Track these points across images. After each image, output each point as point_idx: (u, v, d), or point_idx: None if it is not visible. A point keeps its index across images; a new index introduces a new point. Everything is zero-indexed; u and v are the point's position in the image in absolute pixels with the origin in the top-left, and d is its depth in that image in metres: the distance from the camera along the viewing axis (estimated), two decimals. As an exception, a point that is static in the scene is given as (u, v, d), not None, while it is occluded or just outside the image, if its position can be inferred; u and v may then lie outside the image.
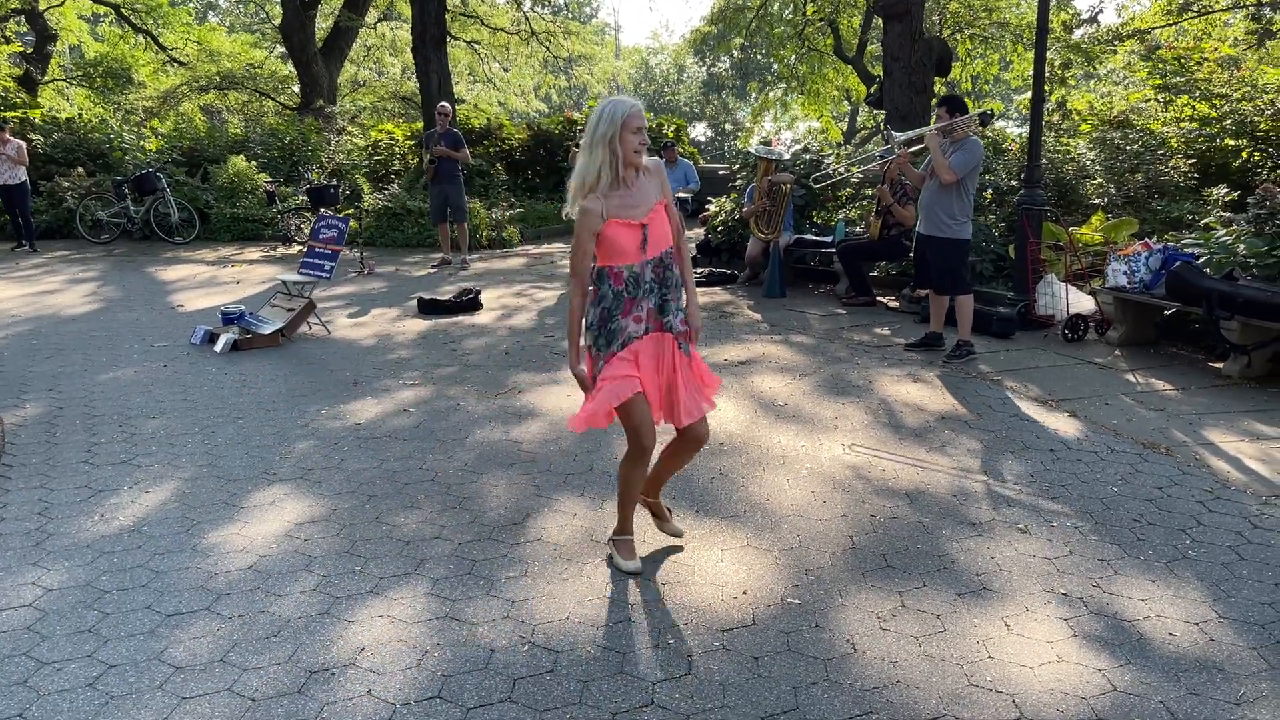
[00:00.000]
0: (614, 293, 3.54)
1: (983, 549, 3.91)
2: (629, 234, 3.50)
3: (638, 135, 3.46)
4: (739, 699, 2.88)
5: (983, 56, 21.92)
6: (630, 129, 3.43)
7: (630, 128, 3.43)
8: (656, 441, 3.66)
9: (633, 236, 3.50)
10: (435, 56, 17.74)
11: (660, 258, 3.58)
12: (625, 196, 3.51)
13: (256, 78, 27.49)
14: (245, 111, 28.47)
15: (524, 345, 7.85)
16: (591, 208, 3.48)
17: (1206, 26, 18.70)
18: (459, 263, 12.76)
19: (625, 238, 3.50)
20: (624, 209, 3.50)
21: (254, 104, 28.40)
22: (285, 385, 6.57)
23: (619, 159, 3.46)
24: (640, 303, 3.55)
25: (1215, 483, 4.63)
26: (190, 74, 27.07)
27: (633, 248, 3.51)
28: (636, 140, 3.46)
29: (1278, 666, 3.01)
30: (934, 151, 7.00)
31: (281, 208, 15.15)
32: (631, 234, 3.50)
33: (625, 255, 3.52)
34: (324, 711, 2.81)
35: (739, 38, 23.82)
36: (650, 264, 3.56)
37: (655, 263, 3.57)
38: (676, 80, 55.27)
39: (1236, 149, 10.61)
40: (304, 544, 3.99)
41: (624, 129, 3.42)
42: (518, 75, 33.08)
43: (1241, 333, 6.48)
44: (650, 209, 3.55)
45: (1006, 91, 35.19)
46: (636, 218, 3.51)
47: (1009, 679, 2.97)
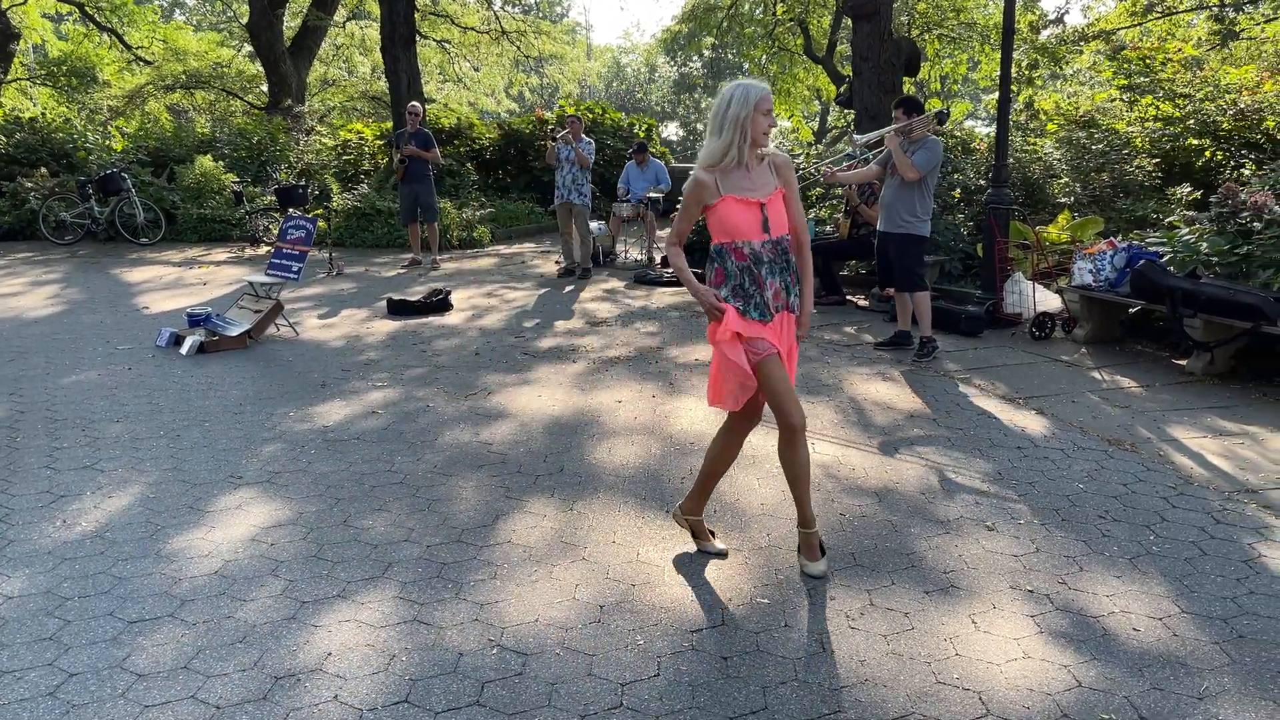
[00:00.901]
0: (739, 268, 3.62)
1: (950, 547, 3.94)
2: (747, 212, 3.59)
3: (767, 118, 3.55)
4: (708, 700, 2.87)
5: (951, 57, 22.08)
6: (761, 110, 3.52)
7: (762, 109, 3.52)
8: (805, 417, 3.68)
9: (751, 215, 3.59)
10: (404, 55, 17.64)
11: (778, 240, 3.64)
12: (744, 178, 3.60)
13: (223, 77, 27.22)
14: (212, 111, 28.17)
15: (494, 346, 7.82)
16: (705, 179, 3.59)
17: (1170, 27, 18.92)
18: (429, 263, 12.70)
19: (742, 215, 3.59)
20: (742, 188, 3.59)
21: (221, 103, 28.11)
22: (252, 388, 6.50)
23: (748, 139, 3.53)
24: (767, 281, 3.63)
25: (1179, 479, 4.68)
26: (156, 73, 26.76)
27: (752, 226, 3.60)
28: (766, 122, 3.55)
29: (1240, 660, 3.05)
30: (895, 152, 7.09)
31: (249, 208, 15.01)
32: (750, 212, 3.59)
33: (744, 233, 3.60)
34: (289, 717, 2.78)
35: (710, 37, 23.87)
36: (769, 244, 3.62)
37: (774, 244, 3.64)
38: (648, 80, 55.29)
39: (1200, 148, 10.75)
40: (270, 548, 3.95)
41: (756, 110, 3.51)
42: (488, 75, 32.94)
43: (1204, 330, 6.56)
44: (770, 193, 3.63)
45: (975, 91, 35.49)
46: (755, 197, 3.60)
47: (976, 676, 2.99)
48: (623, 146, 18.56)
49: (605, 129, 19.57)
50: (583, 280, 11.59)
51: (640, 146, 13.67)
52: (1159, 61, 12.73)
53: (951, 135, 13.36)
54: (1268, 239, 6.84)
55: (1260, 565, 3.73)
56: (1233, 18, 17.69)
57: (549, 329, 8.56)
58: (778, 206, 3.65)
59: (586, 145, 11.53)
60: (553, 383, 6.61)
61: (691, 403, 6.09)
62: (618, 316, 9.15)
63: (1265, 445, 5.19)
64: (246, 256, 13.74)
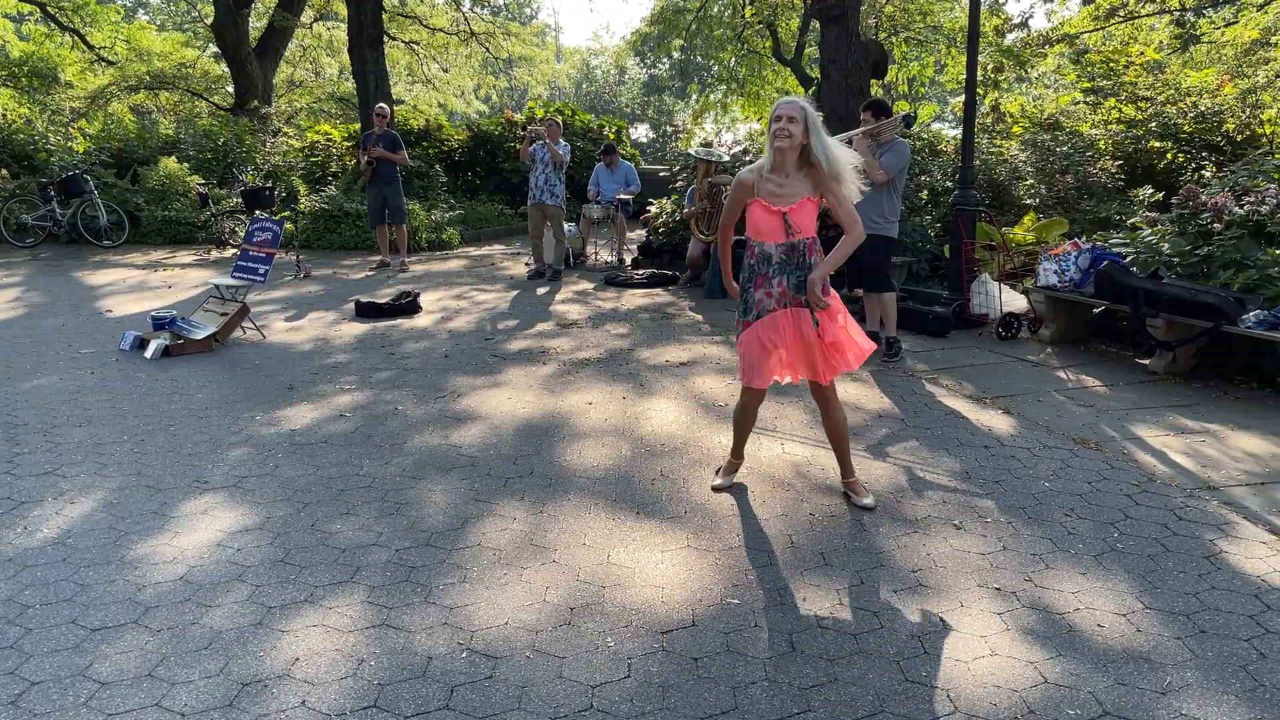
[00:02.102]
0: (748, 265, 4.19)
1: (918, 545, 3.97)
2: (767, 218, 4.07)
3: (776, 123, 3.93)
4: (678, 700, 2.88)
5: (918, 59, 22.25)
6: (771, 117, 3.96)
7: (773, 118, 3.95)
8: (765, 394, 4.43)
9: (772, 221, 4.05)
10: (372, 56, 17.51)
11: (795, 244, 4.06)
12: (776, 184, 4.04)
13: (188, 77, 26.86)
14: (177, 112, 27.82)
15: (464, 349, 7.79)
16: (745, 180, 4.10)
17: (1133, 32, 19.18)
18: (397, 265, 12.63)
19: (763, 219, 4.08)
20: (771, 195, 4.05)
21: (186, 104, 27.77)
22: (218, 391, 6.43)
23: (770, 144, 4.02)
24: (771, 280, 4.11)
25: (1142, 477, 4.75)
26: (119, 73, 26.38)
27: (771, 229, 4.07)
28: (774, 127, 3.94)
29: (1202, 655, 3.09)
30: (864, 154, 7.13)
31: (215, 210, 14.85)
32: (770, 218, 4.06)
33: (762, 234, 4.10)
34: (256, 724, 2.76)
35: (679, 39, 23.89)
36: (783, 247, 4.07)
37: (788, 247, 4.07)
38: (617, 82, 55.29)
39: (1161, 150, 10.91)
40: (237, 553, 3.90)
41: (772, 120, 3.95)
42: (457, 76, 32.80)
43: (1167, 330, 6.65)
44: (796, 201, 4.02)
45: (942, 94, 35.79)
46: (778, 205, 4.03)
47: (944, 674, 3.01)
48: (592, 148, 18.56)
49: (575, 130, 19.55)
50: (553, 282, 11.57)
51: (609, 148, 13.67)
52: (1121, 65, 12.91)
53: (919, 138, 13.47)
54: (1227, 240, 6.95)
55: (1221, 561, 3.78)
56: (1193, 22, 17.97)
57: (519, 331, 8.53)
58: (802, 217, 4.04)
59: (563, 147, 11.52)
60: (523, 385, 6.59)
61: (662, 404, 6.09)
62: (588, 318, 9.14)
63: (1226, 443, 5.26)
64: (212, 259, 13.60)
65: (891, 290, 7.36)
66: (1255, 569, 3.71)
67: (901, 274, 9.68)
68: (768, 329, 4.15)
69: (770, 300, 4.13)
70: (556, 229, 11.76)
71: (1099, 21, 18.85)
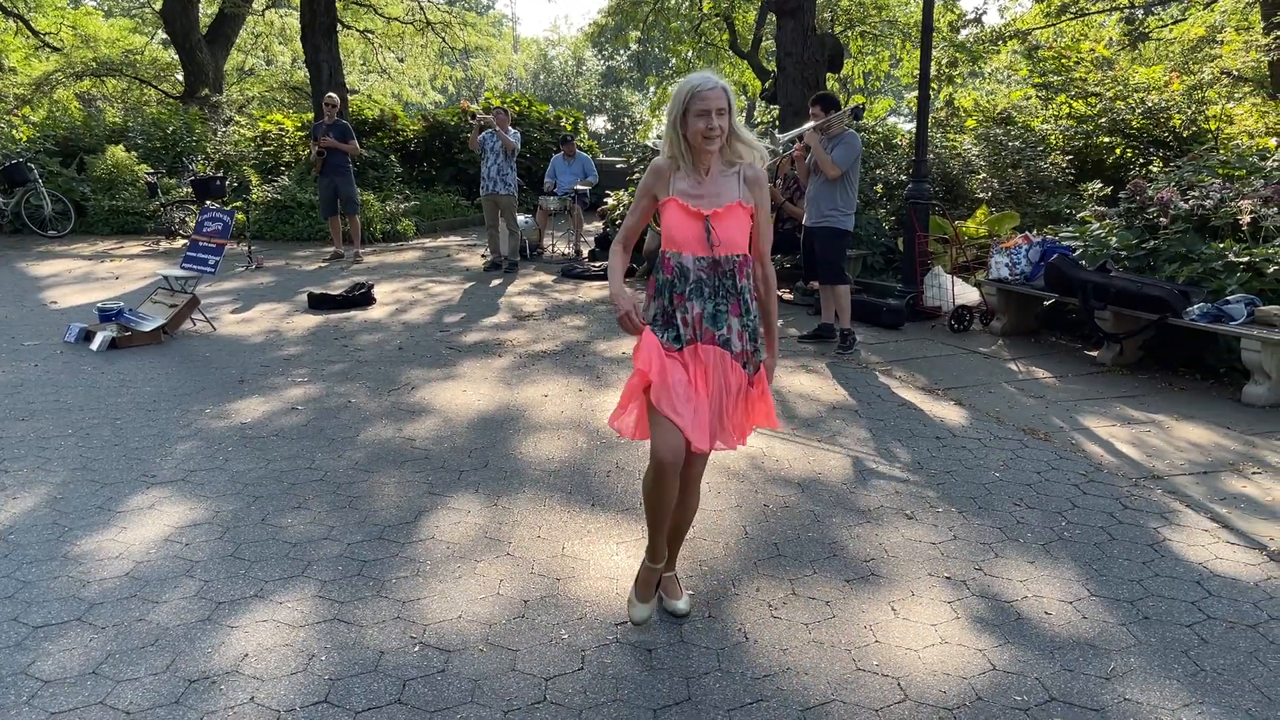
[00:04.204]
0: (664, 283, 3.16)
1: (871, 535, 4.00)
2: (688, 222, 3.09)
3: (703, 119, 2.98)
4: (632, 692, 2.88)
5: (873, 54, 22.40)
6: (694, 110, 2.99)
7: (695, 109, 2.98)
8: (680, 462, 3.08)
9: (692, 226, 3.08)
10: (325, 45, 17.28)
11: (720, 260, 3.09)
12: (696, 184, 3.11)
13: (136, 65, 26.33)
14: (124, 100, 27.27)
15: (418, 341, 7.72)
16: (661, 168, 3.15)
17: (1083, 28, 19.46)
18: (351, 256, 12.50)
19: (683, 224, 3.10)
20: (689, 195, 3.10)
21: (134, 92, 27.22)
22: (167, 384, 6.32)
23: (684, 144, 3.07)
24: (688, 304, 3.11)
25: (1090, 467, 4.83)
26: (65, 60, 25.79)
27: (692, 238, 3.09)
28: (702, 125, 2.98)
29: (1145, 641, 3.16)
30: (815, 148, 7.19)
31: (164, 200, 14.59)
32: (691, 223, 3.09)
33: (682, 244, 3.11)
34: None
35: (636, 31, 23.85)
36: (707, 262, 3.09)
37: (713, 263, 3.10)
38: (575, 73, 55.10)
39: (1110, 145, 11.09)
40: (185, 549, 3.84)
41: (687, 111, 3.00)
42: (413, 66, 32.46)
43: (1114, 322, 6.77)
44: (721, 205, 3.10)
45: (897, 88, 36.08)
46: (699, 206, 3.08)
47: (895, 662, 3.04)
48: (550, 140, 18.48)
49: (532, 121, 19.45)
50: (509, 274, 11.51)
51: (565, 138, 13.63)
52: (1072, 61, 13.10)
53: (873, 131, 13.58)
54: (1173, 234, 7.08)
55: (1165, 549, 3.86)
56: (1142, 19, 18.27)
57: (474, 323, 8.48)
58: (730, 225, 3.09)
59: (513, 134, 11.45)
60: (478, 377, 6.55)
61: (618, 395, 6.07)
62: (545, 310, 9.11)
63: (1170, 433, 5.37)
64: (161, 250, 13.35)
65: (846, 283, 7.41)
66: (1197, 556, 3.79)
67: (856, 267, 9.75)
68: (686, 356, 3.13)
69: (686, 330, 3.12)
70: (510, 220, 11.70)
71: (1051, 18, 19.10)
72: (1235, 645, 3.12)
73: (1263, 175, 7.48)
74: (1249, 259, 6.45)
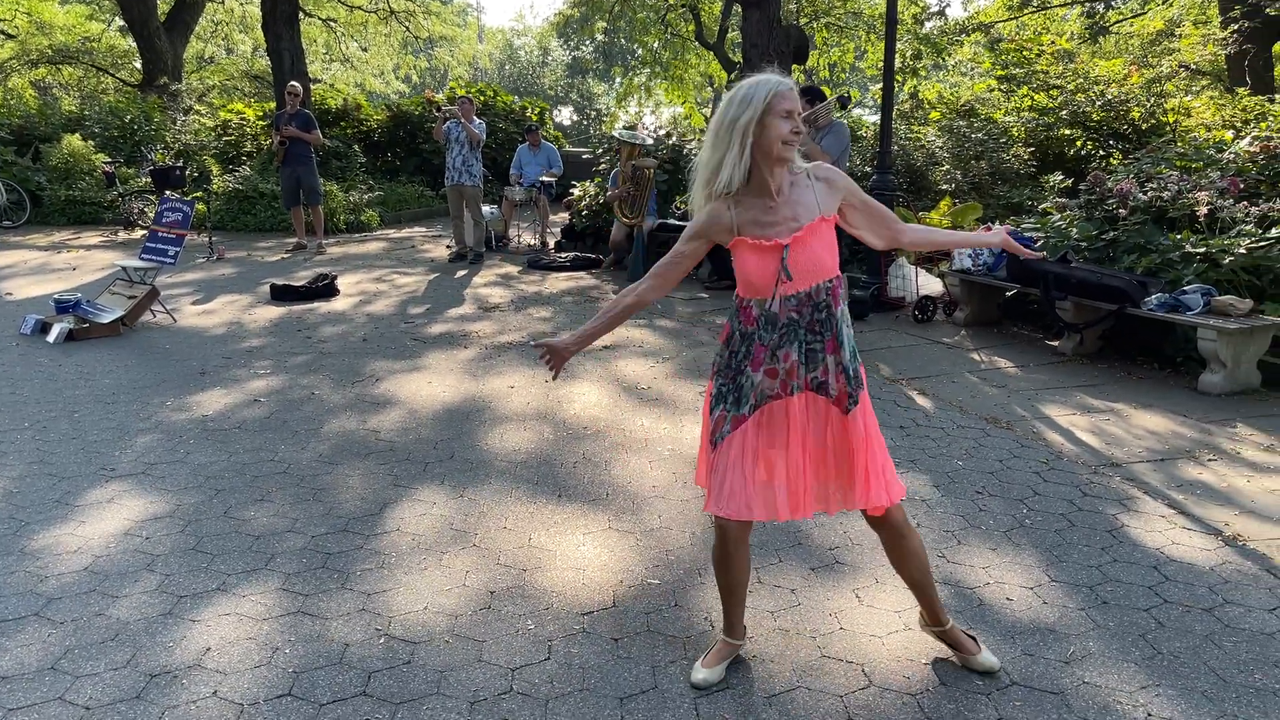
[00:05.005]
0: (743, 334, 2.71)
1: (835, 524, 4.03)
2: (765, 260, 2.62)
3: (789, 121, 2.57)
4: (598, 681, 2.88)
5: (839, 45, 22.50)
6: (778, 112, 2.56)
7: (778, 110, 2.56)
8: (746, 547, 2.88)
9: (771, 263, 2.61)
10: (287, 33, 17.08)
11: (809, 293, 2.65)
12: (764, 208, 2.64)
13: (93, 52, 25.92)
14: (81, 88, 26.82)
15: (383, 332, 7.67)
16: (719, 214, 2.66)
17: (1045, 22, 19.68)
18: (314, 247, 12.37)
19: (760, 266, 2.63)
20: (758, 225, 2.63)
21: (91, 80, 26.78)
22: (126, 377, 6.23)
23: (760, 153, 2.59)
24: (777, 353, 2.68)
25: (1050, 455, 4.89)
26: (20, 47, 25.30)
27: (767, 278, 2.63)
28: (788, 128, 2.56)
29: (1104, 625, 3.21)
30: (805, 141, 7.23)
31: (122, 190, 14.36)
32: (766, 260, 2.62)
33: (758, 288, 2.66)
34: (165, 716, 2.68)
35: (602, 21, 23.78)
36: (795, 300, 2.65)
37: (800, 299, 2.65)
38: (541, 63, 54.84)
39: (1071, 138, 11.22)
40: (145, 542, 3.79)
41: (768, 113, 2.55)
42: (376, 56, 32.21)
43: (1075, 312, 6.86)
44: (801, 227, 2.63)
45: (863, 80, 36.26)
46: (773, 237, 2.62)
47: (859, 649, 3.07)
48: (515, 130, 18.39)
49: (497, 112, 19.35)
50: (475, 265, 11.46)
51: (530, 128, 13.57)
52: (1034, 54, 13.22)
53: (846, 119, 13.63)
54: (1131, 225, 7.18)
55: (1123, 535, 3.92)
56: (1103, 13, 18.50)
57: (440, 314, 8.43)
58: (814, 244, 2.63)
59: (478, 125, 11.37)
60: (443, 369, 6.52)
61: (585, 387, 6.08)
62: (511, 301, 9.08)
63: (1129, 421, 5.45)
64: (120, 240, 13.15)
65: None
66: (1154, 541, 3.85)
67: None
68: (766, 429, 2.73)
69: (774, 382, 2.70)
70: (475, 211, 11.63)
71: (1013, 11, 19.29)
72: (1191, 628, 3.17)
73: (1219, 167, 7.60)
74: (1205, 250, 6.55)
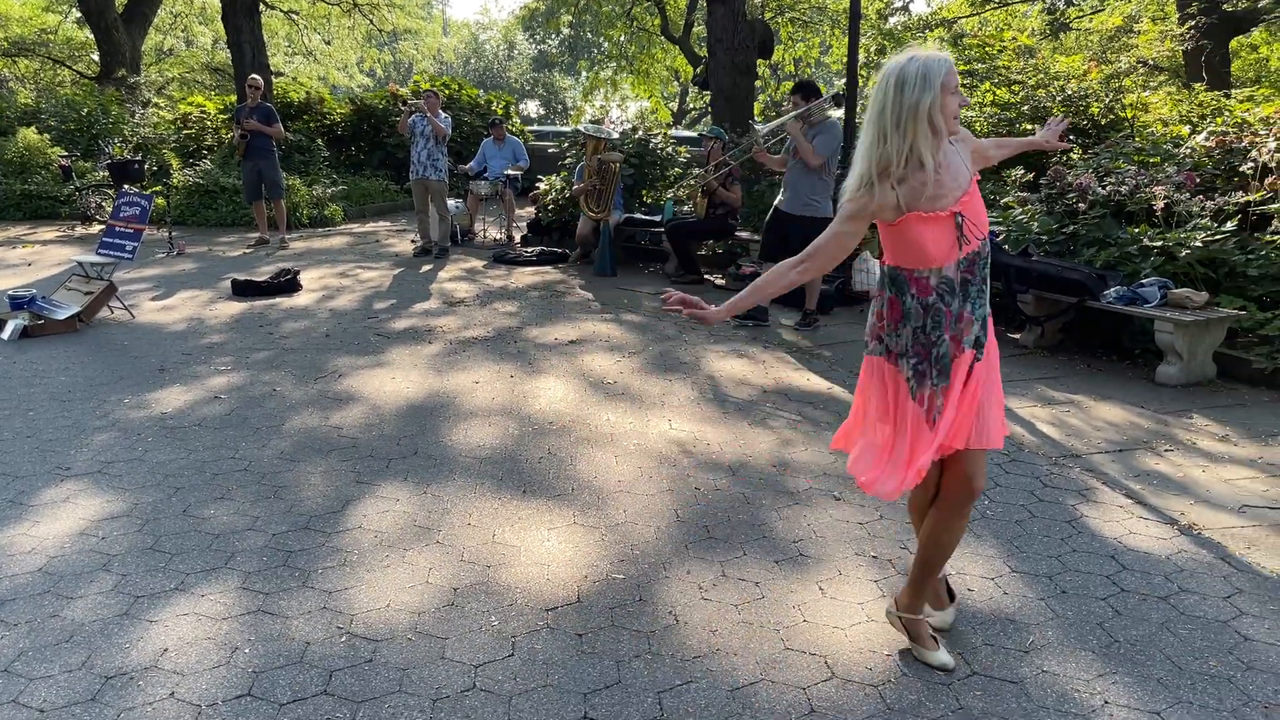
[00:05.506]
0: (923, 305, 2.74)
1: (799, 517, 4.05)
2: (938, 230, 2.68)
3: (957, 96, 2.64)
4: (562, 677, 2.87)
5: (804, 40, 22.58)
6: (951, 89, 2.60)
7: (951, 87, 2.60)
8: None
9: (943, 233, 2.68)
10: (248, 25, 16.88)
11: (977, 251, 2.73)
12: (928, 180, 2.65)
13: (49, 44, 25.47)
14: (37, 81, 26.35)
15: (346, 328, 7.60)
16: (885, 194, 2.65)
17: (1007, 18, 19.85)
18: (277, 242, 12.24)
19: (931, 236, 2.68)
20: (927, 198, 2.66)
21: (47, 72, 26.33)
22: (83, 374, 6.13)
23: (941, 134, 2.64)
24: (960, 315, 2.75)
25: (1012, 446, 4.94)
26: (-28, 38, 24.85)
27: (944, 247, 2.69)
28: (957, 101, 2.64)
29: (1063, 615, 3.24)
30: (797, 138, 7.27)
31: (79, 184, 14.12)
32: (941, 230, 2.68)
33: (934, 258, 2.70)
34: (121, 718, 2.64)
35: (567, 15, 23.72)
36: (963, 264, 2.72)
37: (969, 260, 2.72)
38: (507, 57, 54.59)
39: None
40: (101, 542, 3.73)
41: (944, 91, 2.59)
42: (340, 49, 31.90)
43: (1035, 305, 6.93)
44: (964, 191, 2.71)
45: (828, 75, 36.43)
46: (944, 207, 2.67)
47: (822, 641, 3.08)
48: (480, 124, 18.29)
49: (462, 105, 19.23)
50: (440, 260, 11.38)
51: (494, 122, 13.50)
52: (996, 50, 13.33)
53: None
54: (1091, 219, 7.27)
55: (1082, 525, 3.97)
56: (1063, 9, 18.69)
57: (404, 310, 8.37)
58: (975, 207, 2.73)
59: (444, 120, 11.29)
60: (407, 364, 6.47)
61: (551, 382, 6.06)
62: (476, 296, 9.03)
63: (1089, 413, 5.52)
64: (77, 235, 12.94)
65: None
66: (1112, 531, 3.91)
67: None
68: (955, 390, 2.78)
69: (957, 345, 2.77)
70: (440, 205, 11.56)
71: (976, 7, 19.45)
72: (1147, 617, 3.22)
73: (1176, 162, 7.70)
74: (1162, 243, 6.64)
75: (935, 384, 2.78)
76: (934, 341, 2.76)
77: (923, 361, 2.78)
